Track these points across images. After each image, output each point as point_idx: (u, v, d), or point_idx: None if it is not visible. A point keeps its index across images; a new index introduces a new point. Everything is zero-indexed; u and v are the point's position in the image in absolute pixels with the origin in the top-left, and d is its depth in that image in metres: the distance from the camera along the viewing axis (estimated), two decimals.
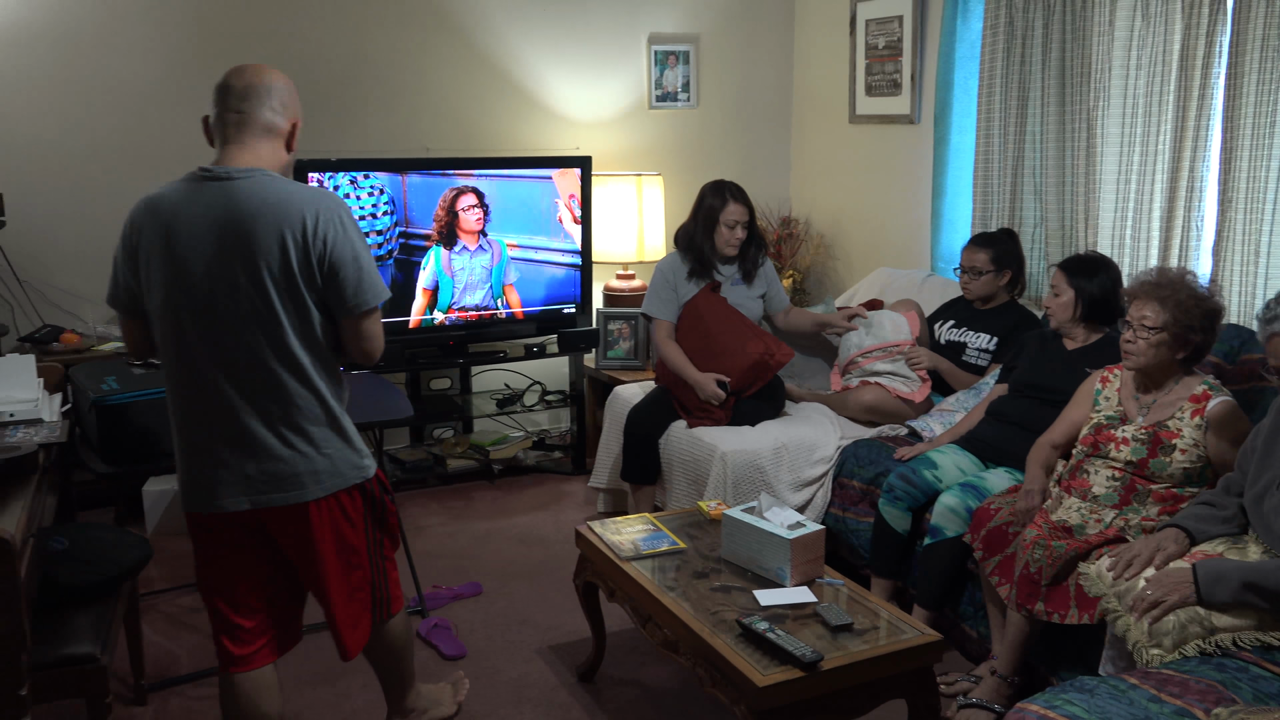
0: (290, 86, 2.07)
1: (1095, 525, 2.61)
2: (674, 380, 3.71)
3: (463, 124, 4.46)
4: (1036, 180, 3.85)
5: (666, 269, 3.80)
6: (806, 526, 2.56)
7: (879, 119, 4.62)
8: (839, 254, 4.96)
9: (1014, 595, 2.61)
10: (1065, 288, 3.09)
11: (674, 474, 3.62)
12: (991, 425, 3.17)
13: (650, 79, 4.83)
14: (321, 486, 2.07)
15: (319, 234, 1.94)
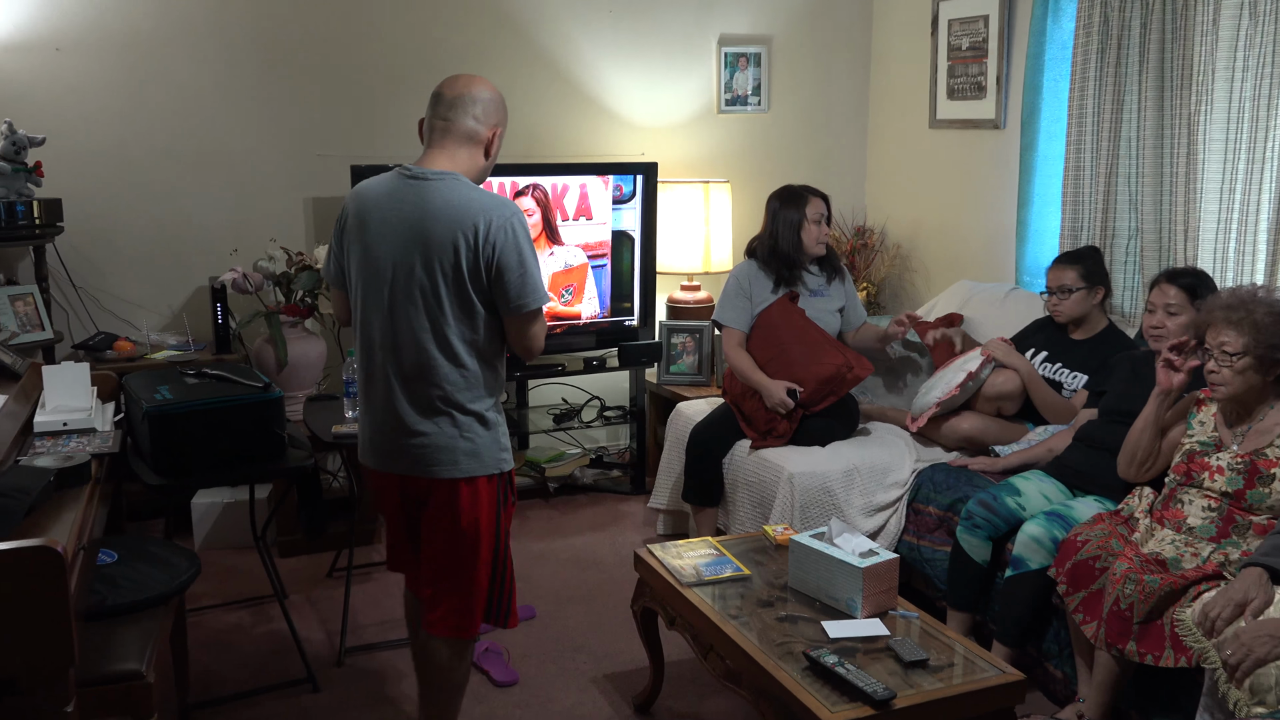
0: (496, 97, 2.38)
1: (1192, 559, 2.54)
2: (741, 393, 3.71)
3: (524, 128, 4.52)
4: (1132, 189, 3.77)
5: (741, 275, 3.82)
6: (879, 555, 2.53)
7: (961, 124, 4.56)
8: (916, 266, 4.91)
9: (1102, 633, 2.54)
10: (1185, 305, 2.98)
11: (738, 496, 3.60)
12: (1080, 451, 3.10)
13: (720, 82, 4.84)
14: (459, 468, 2.33)
15: (490, 239, 2.24)
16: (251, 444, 2.80)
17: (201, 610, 3.45)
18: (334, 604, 3.48)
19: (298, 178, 4.23)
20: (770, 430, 3.59)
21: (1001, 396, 3.48)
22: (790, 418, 3.56)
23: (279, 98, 4.18)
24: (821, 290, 3.83)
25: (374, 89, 4.28)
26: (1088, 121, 3.84)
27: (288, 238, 4.12)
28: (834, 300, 3.84)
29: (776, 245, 3.75)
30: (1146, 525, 2.69)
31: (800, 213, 3.72)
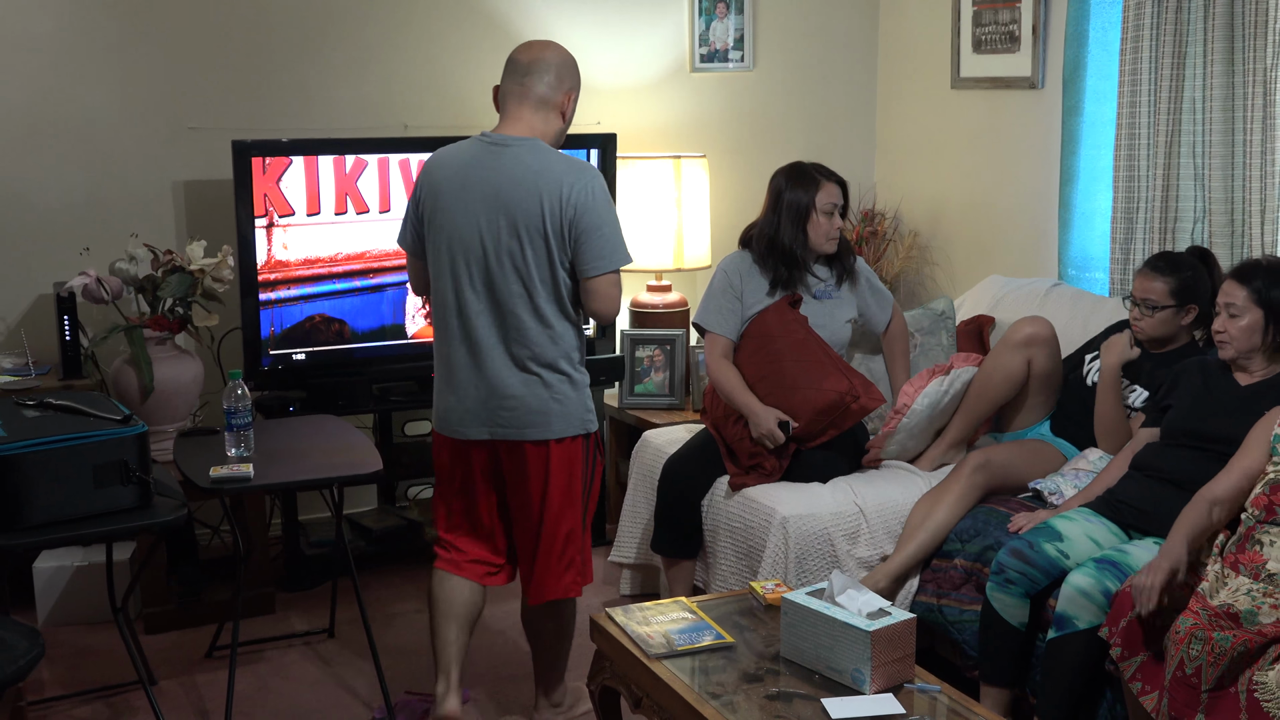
0: (568, 60, 3.03)
1: (1271, 612, 2.60)
2: (723, 415, 3.75)
3: (451, 94, 4.55)
4: (1197, 162, 3.86)
5: (732, 270, 3.84)
6: (892, 615, 2.58)
7: (990, 82, 4.65)
8: (938, 257, 4.98)
9: (1165, 705, 2.60)
10: (1247, 304, 3.06)
11: (719, 546, 3.65)
12: (1137, 483, 3.17)
13: (693, 34, 4.90)
14: (551, 429, 2.98)
15: (571, 201, 2.89)
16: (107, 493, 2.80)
17: (47, 703, 3.44)
18: (215, 691, 3.48)
19: (166, 156, 4.24)
20: (755, 466, 3.63)
21: (1032, 342, 3.57)
22: (780, 454, 3.60)
23: (142, 57, 4.19)
24: (829, 293, 3.85)
25: (262, 49, 4.30)
26: (1143, 79, 3.93)
27: (153, 232, 4.12)
28: (843, 307, 3.87)
29: (777, 236, 3.78)
30: (1217, 572, 2.75)
31: (809, 198, 3.74)
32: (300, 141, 4.15)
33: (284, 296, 4.14)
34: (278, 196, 4.08)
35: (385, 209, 4.25)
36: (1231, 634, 2.56)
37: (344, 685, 3.56)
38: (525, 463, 3.01)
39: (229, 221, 4.05)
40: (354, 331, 4.26)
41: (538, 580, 3.11)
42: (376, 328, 4.29)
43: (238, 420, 3.24)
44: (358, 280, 4.26)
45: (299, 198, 4.11)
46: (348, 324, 4.24)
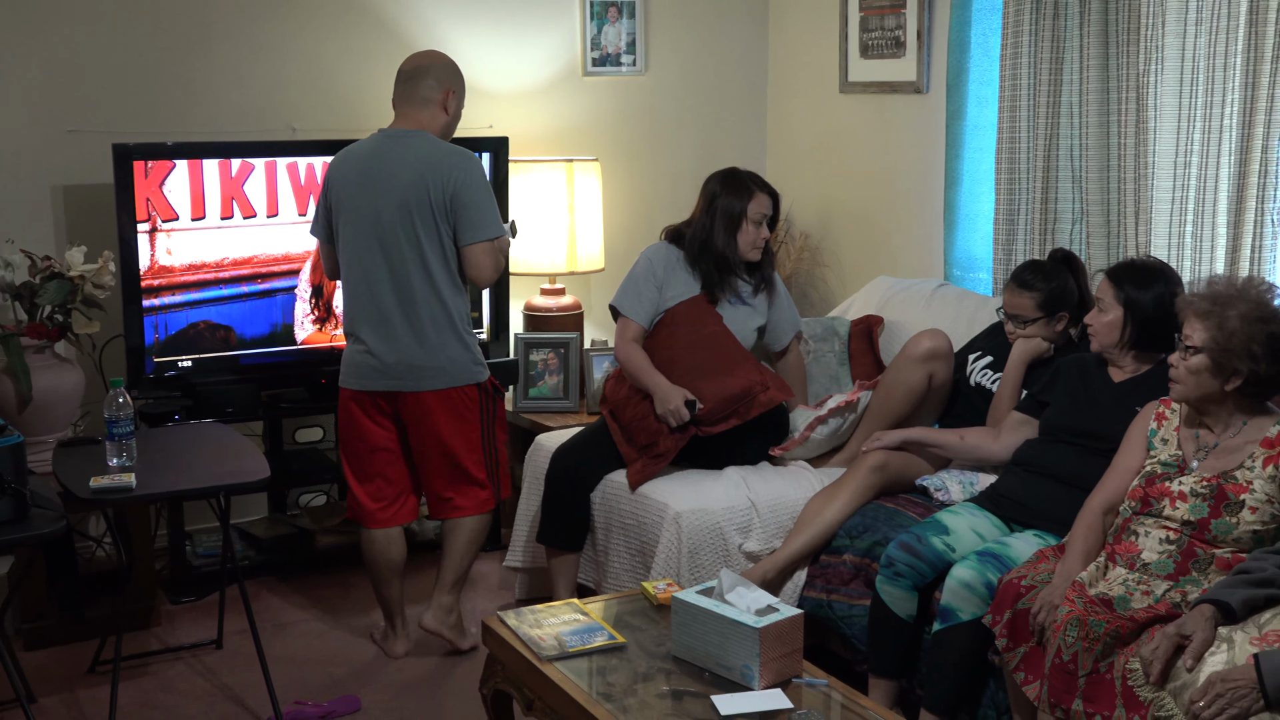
0: (446, 63, 3.61)
1: (1143, 598, 2.69)
2: (624, 399, 3.77)
3: (340, 97, 4.51)
4: (1074, 165, 3.97)
5: (657, 259, 3.91)
6: (780, 612, 2.61)
7: (878, 87, 4.74)
8: (828, 259, 5.05)
9: (1045, 692, 2.67)
10: (1112, 303, 3.18)
11: (612, 543, 3.66)
12: (1018, 477, 3.25)
13: (585, 37, 4.91)
14: (445, 380, 3.55)
15: (451, 180, 3.45)
16: None
17: None
18: (98, 707, 3.41)
19: (43, 160, 4.14)
20: (650, 446, 3.65)
21: (934, 356, 3.63)
22: (680, 433, 3.63)
23: (18, 57, 4.08)
24: (745, 300, 3.93)
25: (145, 50, 4.22)
26: (1022, 84, 4.03)
27: (31, 238, 4.02)
28: (755, 315, 3.94)
29: (710, 240, 3.84)
30: (1097, 563, 2.83)
31: (741, 207, 3.82)
32: (184, 145, 4.08)
33: (168, 303, 4.06)
34: (161, 201, 4.01)
35: (273, 213, 4.19)
36: (1105, 620, 2.64)
37: (232, 697, 3.51)
38: (427, 409, 3.55)
39: (110, 226, 3.97)
40: (241, 338, 4.19)
41: (444, 502, 3.69)
42: (265, 334, 4.23)
43: (119, 429, 3.17)
44: (245, 286, 4.20)
45: (183, 202, 4.04)
46: (235, 330, 4.18)
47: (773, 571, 3.42)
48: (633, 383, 3.77)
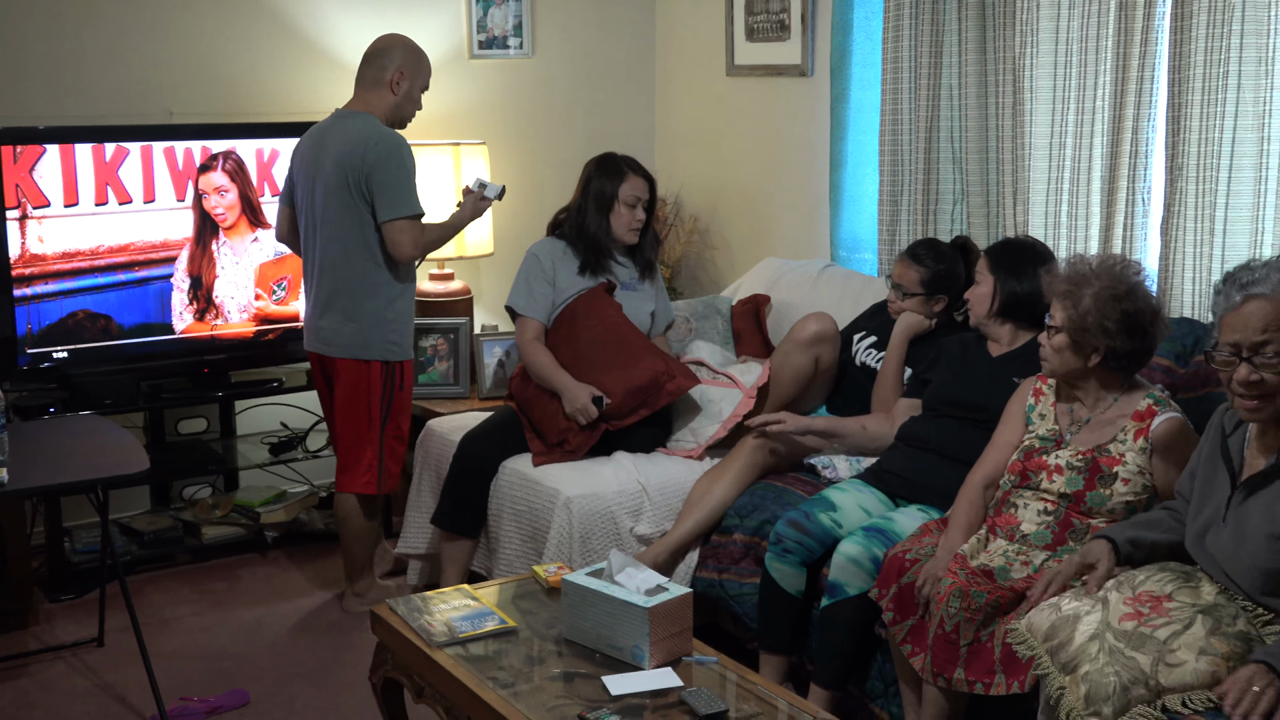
0: (399, 45, 3.75)
1: (1022, 569, 2.76)
2: (532, 396, 3.77)
3: (220, 80, 4.42)
4: (955, 147, 4.05)
5: (544, 254, 3.91)
6: (669, 591, 2.63)
7: (764, 70, 4.77)
8: (716, 241, 5.09)
9: (929, 663, 2.73)
10: (986, 275, 3.28)
11: (504, 529, 3.66)
12: (901, 453, 3.31)
13: (471, 20, 4.87)
14: (346, 351, 3.70)
15: (369, 160, 3.58)
16: None
17: None
18: None
19: None
20: (561, 444, 3.66)
21: (820, 339, 3.68)
22: (590, 430, 3.65)
23: None
24: (633, 285, 3.97)
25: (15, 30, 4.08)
26: (904, 67, 4.09)
27: None
28: (647, 299, 3.98)
29: (585, 223, 3.87)
30: (977, 536, 2.90)
31: (614, 189, 3.86)
32: (56, 129, 3.97)
33: (41, 292, 3.95)
34: (31, 187, 3.90)
35: (150, 199, 4.10)
36: (986, 590, 2.70)
37: (114, 695, 3.43)
38: (335, 376, 3.75)
39: None
40: (120, 327, 4.10)
41: (342, 474, 3.81)
42: (143, 322, 4.13)
43: None
44: (122, 274, 4.10)
45: (55, 188, 3.94)
46: (113, 319, 4.08)
47: (664, 554, 3.45)
48: (538, 382, 3.77)
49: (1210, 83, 3.30)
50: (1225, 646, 2.26)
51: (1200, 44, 3.30)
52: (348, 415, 3.75)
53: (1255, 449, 2.42)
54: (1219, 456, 2.48)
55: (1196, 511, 2.50)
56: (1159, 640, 2.30)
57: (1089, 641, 2.36)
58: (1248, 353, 2.31)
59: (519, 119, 5.02)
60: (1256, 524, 2.32)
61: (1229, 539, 2.38)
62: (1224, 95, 3.28)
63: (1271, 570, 2.31)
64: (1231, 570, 2.37)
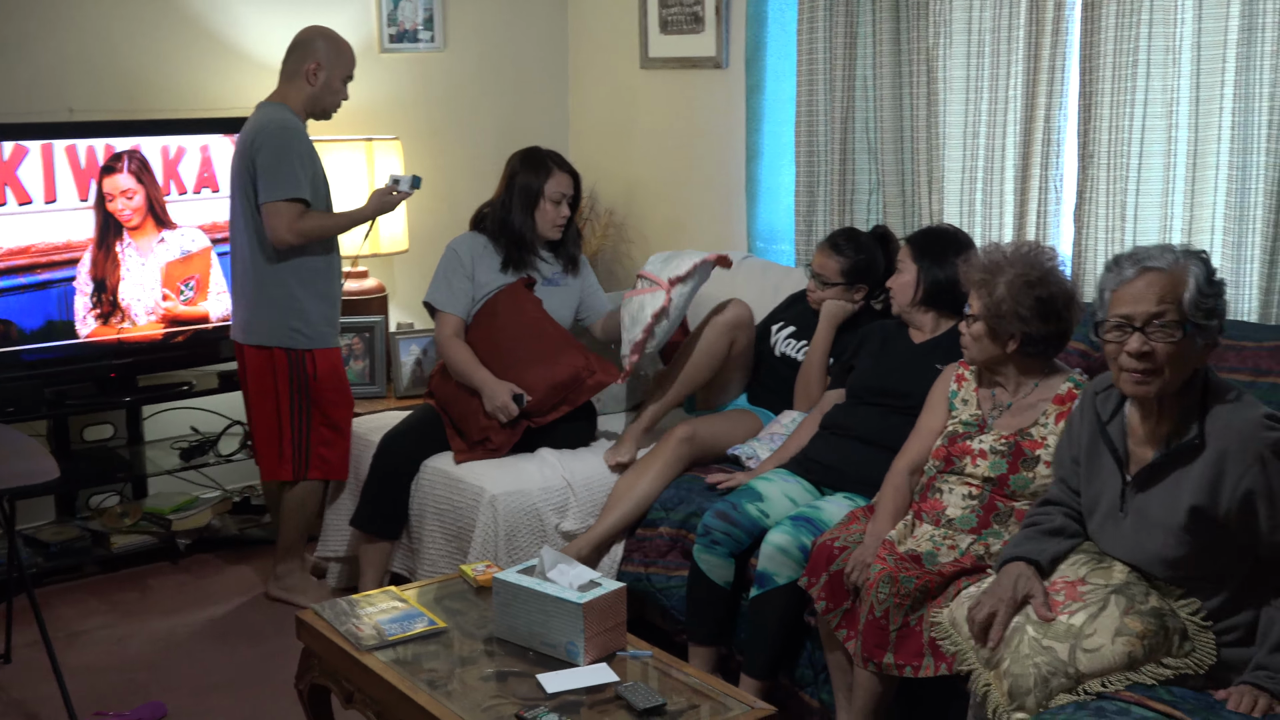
0: (317, 36, 3.80)
1: (950, 553, 2.79)
2: (453, 394, 3.73)
3: (123, 76, 4.30)
4: (870, 137, 4.08)
5: (463, 250, 3.87)
6: (603, 586, 2.62)
7: (678, 62, 4.77)
8: (633, 235, 5.08)
9: (859, 648, 2.74)
10: (909, 264, 3.31)
11: (426, 529, 3.62)
12: (826, 442, 3.33)
13: (381, 12, 4.81)
14: (252, 337, 3.76)
15: (254, 146, 3.66)
16: None
17: None
18: None
19: None
20: (483, 442, 3.63)
21: (738, 324, 3.70)
22: (512, 427, 3.61)
23: None
24: (556, 280, 3.94)
25: None
26: (819, 58, 4.11)
27: None
28: (570, 294, 3.96)
29: (509, 218, 3.83)
30: (906, 520, 2.93)
31: (540, 185, 3.83)
32: None
33: None
34: None
35: (51, 199, 3.97)
36: (915, 575, 2.73)
37: (25, 713, 3.33)
38: (246, 362, 3.79)
39: None
40: (21, 332, 3.97)
41: (260, 461, 3.86)
42: (45, 327, 4.01)
43: None
44: (23, 277, 3.98)
45: None
46: (15, 324, 3.95)
47: (587, 548, 3.43)
48: (458, 379, 3.73)
49: (1120, 71, 3.36)
50: (1140, 625, 2.29)
51: (1110, 34, 3.37)
52: (257, 402, 3.79)
53: (1139, 438, 2.43)
54: (1101, 445, 2.49)
55: (1092, 503, 2.51)
56: (1075, 627, 2.32)
57: (1011, 634, 2.38)
58: (1140, 323, 2.31)
59: (432, 113, 4.96)
60: (1159, 516, 2.35)
61: (1130, 530, 2.41)
62: (1133, 84, 3.34)
63: (1178, 558, 2.34)
64: (1137, 560, 2.40)
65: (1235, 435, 2.28)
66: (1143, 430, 2.42)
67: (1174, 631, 2.31)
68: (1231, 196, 3.24)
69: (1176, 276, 2.32)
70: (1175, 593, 2.37)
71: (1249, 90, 3.15)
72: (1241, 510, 2.27)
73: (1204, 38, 3.22)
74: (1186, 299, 2.30)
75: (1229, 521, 2.28)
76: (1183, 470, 2.33)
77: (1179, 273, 2.32)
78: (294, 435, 3.77)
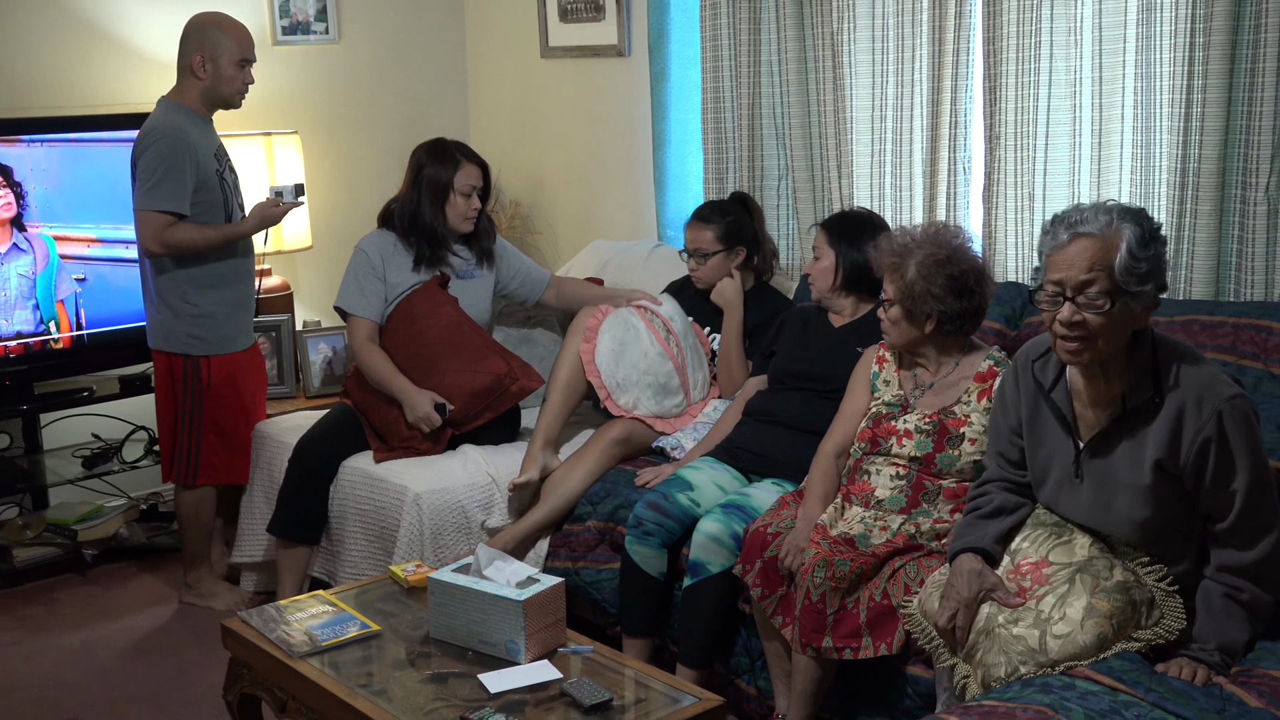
0: (195, 27, 3.69)
1: (882, 534, 2.82)
2: (371, 402, 3.65)
3: None
4: (778, 123, 4.09)
5: (372, 250, 3.76)
6: (541, 582, 2.59)
7: (579, 51, 4.73)
8: (540, 226, 5.03)
9: (797, 634, 2.75)
10: (826, 250, 3.32)
11: (348, 531, 3.55)
12: (751, 428, 3.34)
13: (273, 4, 4.70)
14: (154, 341, 3.76)
15: (140, 149, 3.58)
16: None
17: None
18: None
19: None
20: (407, 449, 3.57)
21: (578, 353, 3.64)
22: (435, 437, 3.54)
23: None
24: (471, 273, 3.85)
25: None
26: (723, 44, 4.11)
27: None
28: (486, 284, 3.88)
29: (418, 213, 3.73)
30: (834, 505, 2.94)
31: (448, 177, 3.73)
32: None
33: None
34: None
35: None
36: (849, 559, 2.74)
37: None
38: (154, 363, 3.82)
39: None
40: None
41: (164, 463, 3.86)
42: None
43: None
44: None
45: None
46: None
47: (512, 543, 3.39)
48: (376, 387, 3.64)
49: (1024, 53, 3.41)
50: (1107, 604, 2.31)
51: (1013, 15, 3.41)
52: (159, 405, 3.81)
53: (1086, 401, 2.40)
54: (1045, 413, 2.46)
55: (1042, 472, 2.51)
56: (1043, 613, 2.33)
57: (984, 623, 2.40)
58: (1071, 292, 2.26)
59: (330, 106, 4.86)
60: (1124, 476, 2.35)
61: (1090, 495, 2.41)
62: (1037, 65, 3.40)
63: (1145, 519, 2.34)
64: (1101, 525, 2.41)
65: (1194, 389, 2.27)
66: (1089, 393, 2.40)
67: (1141, 604, 2.33)
68: (1136, 175, 3.31)
69: (1108, 242, 2.25)
70: (1140, 559, 2.37)
71: (1150, 70, 3.23)
72: (1198, 461, 2.26)
73: (1105, 18, 3.29)
74: (1117, 265, 2.24)
75: (1186, 474, 2.28)
76: (1143, 428, 2.31)
77: (1111, 237, 2.25)
78: (184, 440, 3.75)
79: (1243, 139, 3.10)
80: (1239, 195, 3.14)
